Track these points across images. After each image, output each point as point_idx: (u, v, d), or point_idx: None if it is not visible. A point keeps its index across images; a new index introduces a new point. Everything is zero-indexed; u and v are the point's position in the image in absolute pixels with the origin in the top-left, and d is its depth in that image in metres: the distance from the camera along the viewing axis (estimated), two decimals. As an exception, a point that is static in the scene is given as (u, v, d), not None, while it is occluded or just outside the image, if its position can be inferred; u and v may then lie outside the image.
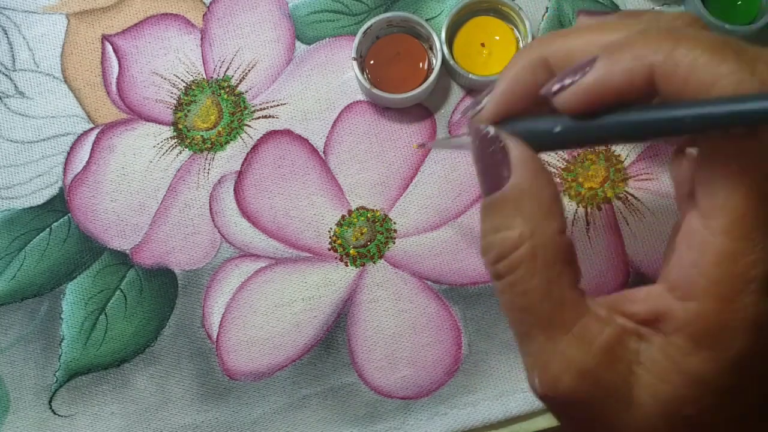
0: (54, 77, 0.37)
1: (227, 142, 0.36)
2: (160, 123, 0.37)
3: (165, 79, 0.37)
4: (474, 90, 0.37)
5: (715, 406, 0.23)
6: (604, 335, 0.23)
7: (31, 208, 0.36)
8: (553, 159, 0.36)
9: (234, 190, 0.36)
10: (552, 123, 0.24)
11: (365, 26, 0.35)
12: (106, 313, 0.35)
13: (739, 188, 0.21)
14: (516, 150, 0.24)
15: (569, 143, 0.25)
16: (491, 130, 0.25)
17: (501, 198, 0.24)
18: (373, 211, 0.36)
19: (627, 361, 0.23)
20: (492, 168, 0.25)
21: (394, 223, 0.36)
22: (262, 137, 0.36)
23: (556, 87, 0.23)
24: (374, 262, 0.35)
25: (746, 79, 0.20)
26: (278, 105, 0.37)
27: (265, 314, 0.35)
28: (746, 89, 0.20)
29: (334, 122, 0.37)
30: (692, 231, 0.23)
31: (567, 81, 0.23)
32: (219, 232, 0.36)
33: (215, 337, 0.35)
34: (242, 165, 0.36)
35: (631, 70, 0.22)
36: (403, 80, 0.36)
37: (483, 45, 0.36)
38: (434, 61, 0.36)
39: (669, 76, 0.21)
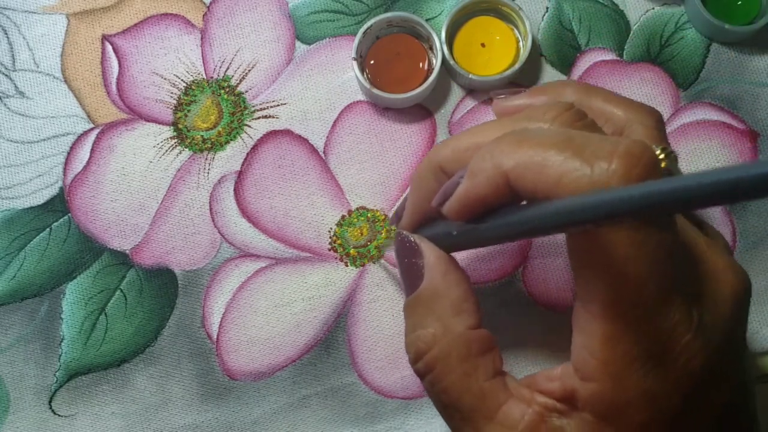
0: (54, 77, 0.37)
1: (227, 142, 0.36)
2: (160, 123, 0.37)
3: (165, 79, 0.37)
4: (474, 90, 0.37)
5: None
6: (527, 418, 0.24)
7: (31, 208, 0.36)
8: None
9: (234, 190, 0.36)
10: (450, 227, 0.26)
11: (365, 26, 0.35)
12: (106, 313, 0.35)
13: (602, 276, 0.22)
14: (428, 253, 0.26)
15: (467, 244, 0.26)
16: (408, 235, 0.27)
17: (416, 299, 0.26)
18: (373, 211, 0.36)
19: None
20: (410, 271, 0.27)
21: (394, 223, 0.36)
22: (262, 137, 0.36)
23: (440, 200, 0.26)
24: (374, 262, 0.36)
25: (585, 175, 0.21)
26: (278, 105, 0.37)
27: (265, 314, 0.35)
28: (584, 185, 0.21)
29: (334, 122, 0.37)
30: (577, 314, 0.24)
31: (445, 194, 0.25)
32: (219, 232, 0.36)
33: (215, 337, 0.35)
34: (242, 165, 0.36)
35: (491, 178, 0.23)
36: (403, 80, 0.36)
37: (483, 45, 0.36)
38: (434, 61, 0.36)
39: (521, 179, 0.23)
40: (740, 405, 0.25)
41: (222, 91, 0.37)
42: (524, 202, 0.24)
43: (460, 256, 0.35)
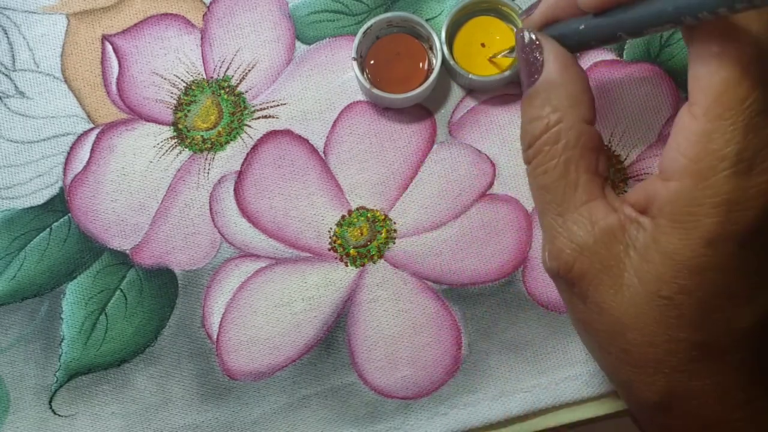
0: (54, 77, 0.37)
1: (227, 142, 0.36)
2: (160, 123, 0.37)
3: (165, 79, 0.37)
4: (474, 90, 0.37)
5: (688, 288, 0.24)
6: (608, 220, 0.26)
7: (31, 208, 0.36)
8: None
9: (234, 190, 0.36)
10: (579, 23, 0.28)
11: (365, 26, 0.35)
12: (106, 313, 0.35)
13: (718, 71, 0.23)
14: (548, 47, 0.28)
15: (592, 39, 0.28)
16: (531, 34, 0.29)
17: (534, 90, 0.27)
18: (373, 211, 0.36)
19: (625, 244, 0.25)
20: (529, 66, 0.28)
21: (394, 223, 0.36)
22: (262, 137, 0.36)
23: None
24: (374, 262, 0.36)
25: None
26: (278, 105, 0.37)
27: (265, 314, 0.35)
28: None
29: (334, 122, 0.37)
30: (679, 118, 0.24)
31: None
32: (219, 232, 0.36)
33: (215, 337, 0.35)
34: (242, 165, 0.36)
35: None
36: (403, 80, 0.36)
37: (483, 45, 0.36)
38: (434, 61, 0.36)
39: None
40: None
41: (222, 91, 0.37)
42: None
43: (460, 254, 0.36)
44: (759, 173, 0.23)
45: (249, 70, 0.37)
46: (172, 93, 0.37)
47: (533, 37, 0.28)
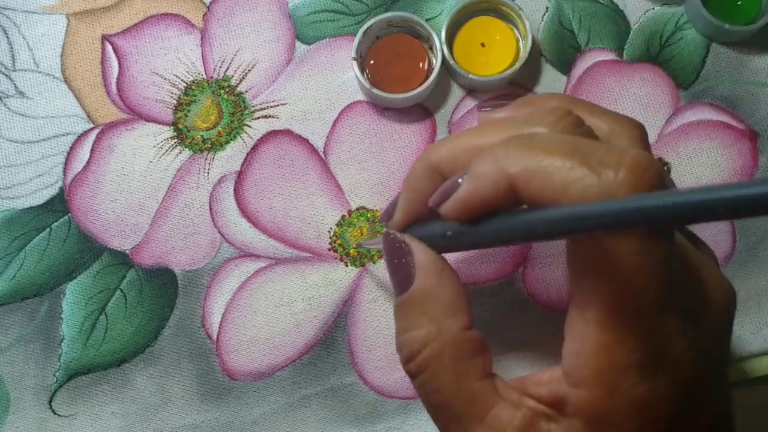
0: (54, 77, 0.37)
1: (227, 142, 0.36)
2: (160, 123, 0.37)
3: (165, 79, 0.37)
4: (474, 90, 0.37)
5: None
6: (516, 421, 0.24)
7: (31, 208, 0.36)
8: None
9: (234, 190, 0.36)
10: (444, 227, 0.26)
11: (365, 26, 0.35)
12: (106, 313, 0.35)
13: (604, 284, 0.22)
14: (419, 253, 0.26)
15: (461, 246, 0.26)
16: (397, 234, 0.27)
17: (408, 299, 0.26)
18: (373, 211, 0.36)
19: None
20: (400, 271, 0.27)
21: (394, 223, 0.36)
22: (262, 137, 0.36)
23: (437, 200, 0.25)
24: (374, 262, 0.36)
25: (593, 184, 0.21)
26: (278, 105, 0.37)
27: (265, 314, 0.35)
28: (592, 194, 0.21)
29: (334, 122, 0.37)
30: (572, 321, 0.24)
31: (444, 194, 0.25)
32: (219, 232, 0.36)
33: (215, 337, 0.35)
34: (242, 165, 0.36)
35: (495, 181, 0.23)
36: (403, 80, 0.36)
37: (483, 45, 0.36)
38: (434, 61, 0.36)
39: (526, 184, 0.23)
40: (728, 414, 0.25)
41: (222, 91, 0.37)
42: (524, 207, 0.24)
43: (459, 255, 0.36)
44: (665, 369, 0.23)
45: (249, 70, 0.37)
46: (172, 93, 0.37)
47: (401, 239, 0.27)
